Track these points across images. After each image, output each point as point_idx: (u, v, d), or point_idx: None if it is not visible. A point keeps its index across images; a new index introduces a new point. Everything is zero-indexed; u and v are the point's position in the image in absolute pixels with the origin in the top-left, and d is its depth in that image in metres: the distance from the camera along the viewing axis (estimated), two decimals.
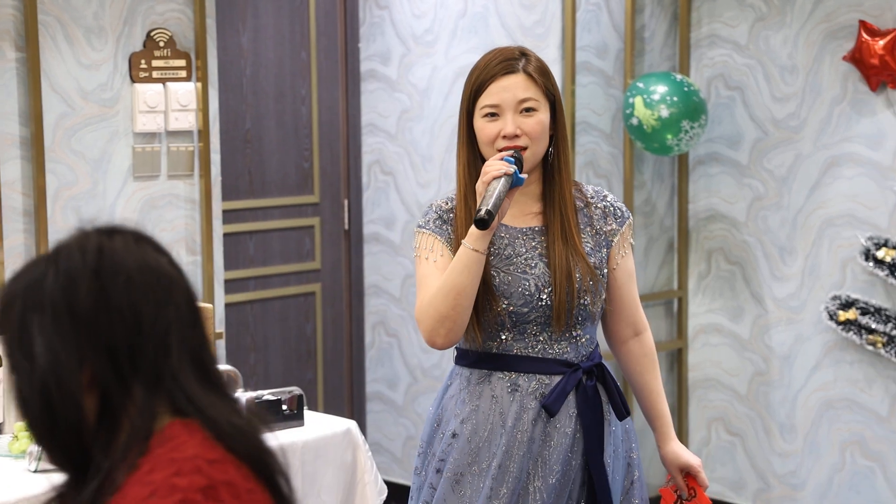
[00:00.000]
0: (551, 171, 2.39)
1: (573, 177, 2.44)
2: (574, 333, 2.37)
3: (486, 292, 2.33)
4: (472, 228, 2.26)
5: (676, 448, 2.47)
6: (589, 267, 2.35)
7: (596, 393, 2.38)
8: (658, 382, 2.49)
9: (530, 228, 2.39)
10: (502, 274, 2.34)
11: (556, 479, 2.33)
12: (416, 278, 2.38)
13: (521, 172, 2.27)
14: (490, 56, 2.38)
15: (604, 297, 2.40)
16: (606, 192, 2.46)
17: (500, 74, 2.34)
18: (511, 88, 2.33)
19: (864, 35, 3.90)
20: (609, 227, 2.41)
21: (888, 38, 3.85)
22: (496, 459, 2.33)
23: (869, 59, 3.89)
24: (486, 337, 2.36)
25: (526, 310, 2.33)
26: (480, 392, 2.37)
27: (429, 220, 2.40)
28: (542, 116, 2.34)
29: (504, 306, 2.33)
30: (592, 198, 2.43)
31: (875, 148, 3.97)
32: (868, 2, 3.94)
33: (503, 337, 2.35)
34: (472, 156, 2.38)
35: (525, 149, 2.33)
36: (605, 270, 2.40)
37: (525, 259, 2.36)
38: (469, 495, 2.34)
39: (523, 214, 2.40)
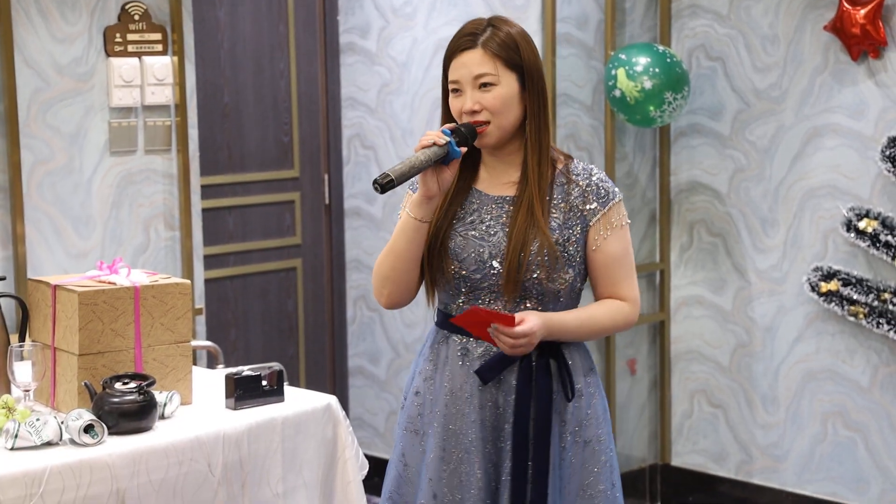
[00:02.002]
0: (526, 142, 2.38)
1: (550, 148, 2.42)
2: (528, 306, 2.36)
3: (443, 254, 2.37)
4: (415, 196, 2.34)
5: (536, 314, 2.32)
6: (549, 242, 2.33)
7: (545, 370, 2.36)
8: (592, 310, 2.38)
9: (502, 197, 2.40)
10: (459, 238, 2.38)
11: (492, 446, 2.37)
12: None
13: (460, 145, 2.30)
14: (459, 30, 2.41)
15: (570, 275, 2.37)
16: (595, 171, 2.42)
17: (458, 50, 2.37)
18: (468, 64, 2.35)
19: (845, 4, 3.88)
20: (589, 207, 2.38)
21: (869, 6, 3.83)
22: (448, 421, 2.37)
23: (850, 28, 3.88)
24: (446, 298, 2.42)
25: (478, 276, 2.36)
26: (439, 352, 2.44)
27: (415, 181, 2.43)
28: (502, 90, 2.34)
29: (456, 269, 2.37)
30: (577, 175, 2.40)
31: (857, 118, 3.96)
32: None
33: (459, 301, 2.39)
34: None
35: (487, 123, 2.34)
36: (575, 249, 2.37)
37: (487, 226, 2.37)
38: (424, 450, 2.41)
39: (501, 183, 2.41)
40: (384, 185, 2.21)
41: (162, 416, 2.51)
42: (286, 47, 4.49)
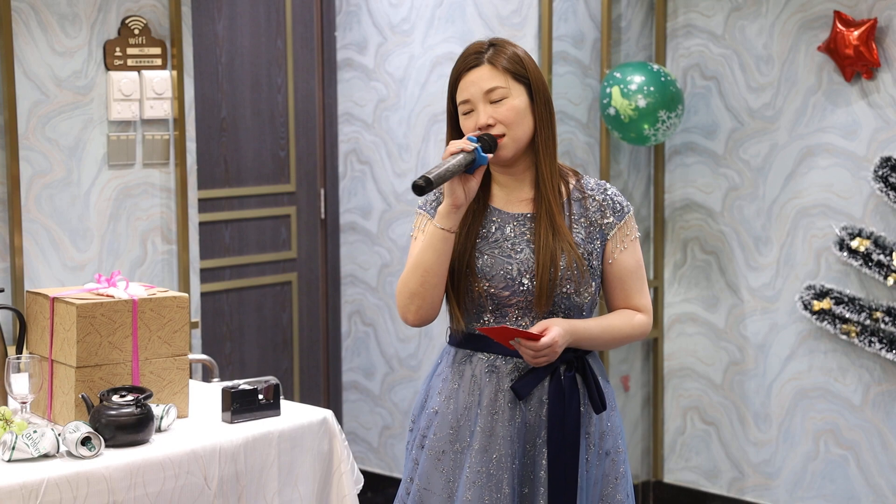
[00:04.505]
0: (537, 155, 2.40)
1: (556, 161, 2.45)
2: None
3: (469, 273, 2.38)
4: (441, 207, 2.34)
5: (560, 322, 2.34)
6: (577, 255, 2.37)
7: (573, 384, 2.39)
8: (611, 319, 2.42)
9: (522, 214, 2.42)
10: (486, 256, 2.38)
11: (520, 462, 2.37)
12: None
13: (486, 152, 2.33)
14: (462, 52, 2.44)
15: (593, 288, 2.41)
16: (608, 186, 2.47)
17: (466, 70, 2.39)
18: (477, 81, 2.38)
19: (839, 25, 3.91)
20: (606, 221, 2.43)
21: (863, 28, 3.87)
22: (476, 439, 2.36)
23: (843, 49, 3.91)
24: (468, 318, 2.41)
25: (507, 293, 2.37)
26: (462, 371, 2.42)
27: (427, 202, 2.46)
28: (515, 102, 2.37)
29: (485, 288, 2.37)
30: (592, 189, 2.45)
31: (850, 138, 3.99)
32: None
33: (485, 319, 2.39)
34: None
35: (502, 136, 2.37)
36: (597, 263, 2.41)
37: (512, 243, 2.39)
38: (449, 471, 2.39)
39: (518, 200, 2.44)
40: (424, 186, 2.23)
41: (158, 429, 2.52)
42: (284, 62, 4.51)
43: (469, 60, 2.40)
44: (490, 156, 2.34)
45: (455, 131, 2.44)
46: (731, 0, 4.23)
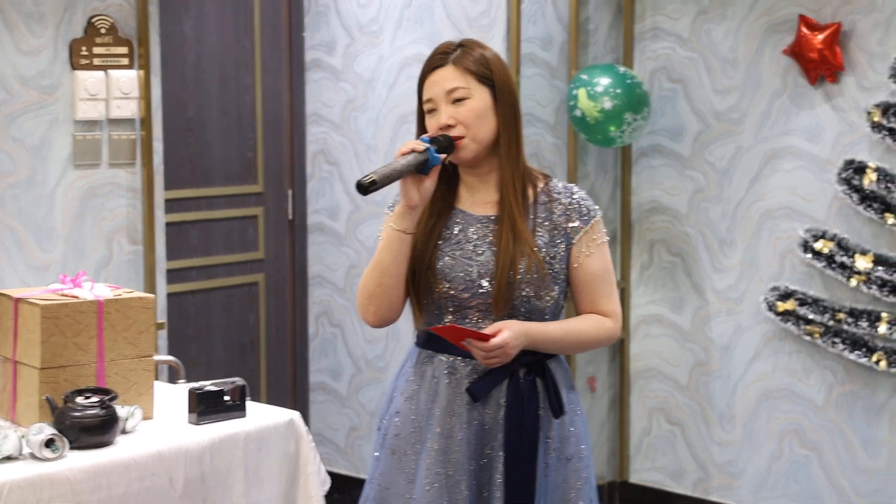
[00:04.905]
0: (501, 156, 2.42)
1: (528, 167, 2.46)
2: None
3: (430, 275, 2.38)
4: (396, 208, 2.36)
5: (514, 324, 2.33)
6: (537, 259, 2.37)
7: (533, 388, 2.39)
8: (574, 323, 2.43)
9: (486, 216, 2.42)
10: (447, 258, 2.39)
11: (477, 465, 2.37)
12: None
13: (441, 153, 2.33)
14: (431, 52, 2.45)
15: (556, 292, 2.41)
16: (576, 189, 2.47)
17: (431, 70, 2.41)
18: (440, 81, 2.39)
19: (804, 29, 3.95)
20: (571, 225, 2.43)
21: (827, 32, 3.91)
22: (435, 440, 2.37)
23: (808, 53, 3.95)
24: (430, 319, 2.42)
25: (466, 295, 2.37)
26: (423, 372, 2.43)
27: (394, 204, 2.45)
28: (476, 104, 2.38)
29: (445, 289, 2.38)
30: (559, 193, 2.45)
31: (814, 141, 4.03)
32: None
33: (446, 320, 2.40)
34: None
35: (462, 137, 2.38)
36: (561, 266, 2.41)
37: (474, 245, 2.40)
38: (410, 471, 2.40)
39: (483, 202, 2.44)
40: (367, 186, 2.24)
41: (124, 431, 2.51)
42: (252, 63, 4.50)
43: (435, 60, 2.41)
44: (444, 156, 2.35)
45: (423, 131, 2.44)
46: (697, 3, 4.26)
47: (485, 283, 2.36)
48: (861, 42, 3.89)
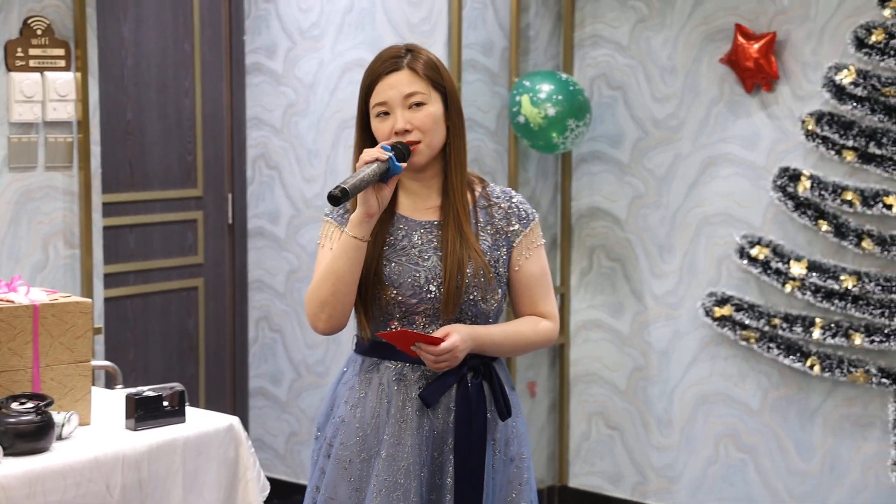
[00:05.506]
0: (448, 163, 2.42)
1: (466, 170, 2.47)
2: None
3: (377, 281, 2.38)
4: (353, 216, 2.33)
5: (461, 327, 2.35)
6: (483, 263, 2.38)
7: (480, 391, 2.40)
8: (516, 325, 2.44)
9: (429, 222, 2.42)
10: (393, 264, 2.39)
11: (428, 470, 2.37)
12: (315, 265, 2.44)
13: (399, 161, 2.32)
14: (378, 56, 2.43)
15: (499, 295, 2.42)
16: (514, 194, 2.49)
17: (384, 73, 2.39)
18: (396, 85, 2.37)
19: (740, 38, 4.01)
20: (512, 228, 2.44)
21: (762, 41, 3.97)
22: (384, 448, 2.36)
23: (744, 61, 4.01)
24: (376, 325, 2.41)
25: (414, 301, 2.37)
26: (370, 380, 2.42)
27: (334, 210, 2.44)
28: (432, 109, 2.38)
29: (393, 295, 2.37)
30: (498, 197, 2.46)
31: (750, 148, 4.09)
32: (744, 5, 4.06)
33: (393, 327, 2.39)
34: None
35: (418, 142, 2.37)
36: (503, 270, 2.43)
37: (419, 251, 2.40)
38: (357, 480, 2.39)
39: (425, 208, 2.44)
40: (339, 196, 2.22)
41: (60, 437, 2.48)
42: (191, 65, 4.47)
43: (388, 64, 2.39)
44: (404, 165, 2.34)
45: (366, 135, 2.43)
46: (636, 11, 4.30)
47: (433, 288, 2.37)
48: (795, 52, 3.96)
